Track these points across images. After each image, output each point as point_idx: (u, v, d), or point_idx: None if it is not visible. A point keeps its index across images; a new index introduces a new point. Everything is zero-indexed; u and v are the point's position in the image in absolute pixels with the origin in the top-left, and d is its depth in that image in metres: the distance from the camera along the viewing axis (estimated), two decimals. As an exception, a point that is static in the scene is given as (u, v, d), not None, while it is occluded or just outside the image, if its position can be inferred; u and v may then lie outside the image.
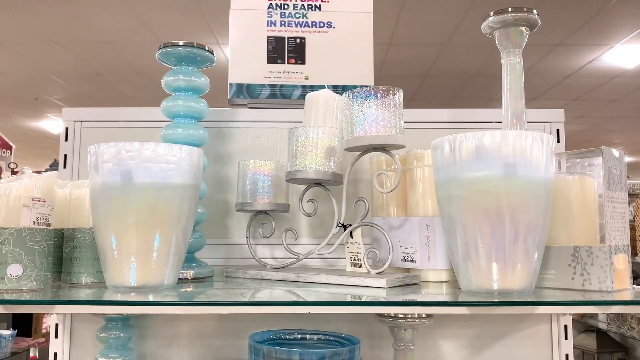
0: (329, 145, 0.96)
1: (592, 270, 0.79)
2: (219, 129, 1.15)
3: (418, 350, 1.11)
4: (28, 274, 0.77)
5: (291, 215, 1.13)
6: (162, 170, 0.79)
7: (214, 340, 1.10)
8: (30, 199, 0.78)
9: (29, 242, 0.77)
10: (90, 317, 1.09)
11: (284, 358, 0.78)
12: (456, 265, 0.80)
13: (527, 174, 0.75)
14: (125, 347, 1.04)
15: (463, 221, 0.77)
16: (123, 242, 0.78)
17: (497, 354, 1.11)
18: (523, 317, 1.11)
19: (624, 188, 0.85)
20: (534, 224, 0.75)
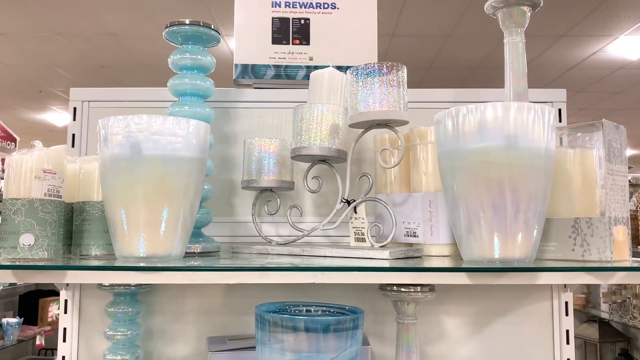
0: (333, 123, 0.97)
1: (591, 241, 0.81)
2: (224, 109, 1.16)
3: (421, 326, 1.12)
4: (40, 244, 0.78)
5: (296, 194, 1.15)
6: (170, 143, 0.81)
7: (220, 316, 1.12)
8: (42, 171, 0.79)
9: (41, 212, 0.79)
10: (98, 294, 1.11)
11: (289, 326, 0.80)
12: (458, 237, 0.82)
13: (528, 145, 0.76)
14: (133, 321, 1.06)
15: (465, 192, 0.78)
16: (132, 214, 0.80)
17: (499, 331, 1.12)
18: (524, 294, 1.13)
19: (624, 161, 0.86)
20: (535, 194, 0.77)
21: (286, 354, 0.80)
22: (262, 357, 0.82)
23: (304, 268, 0.78)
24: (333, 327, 0.80)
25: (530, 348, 1.12)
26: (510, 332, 1.12)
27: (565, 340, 1.12)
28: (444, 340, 1.12)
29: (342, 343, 0.81)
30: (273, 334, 0.81)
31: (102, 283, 1.03)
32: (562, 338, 1.12)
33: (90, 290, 1.12)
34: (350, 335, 0.82)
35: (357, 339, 0.83)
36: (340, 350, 0.80)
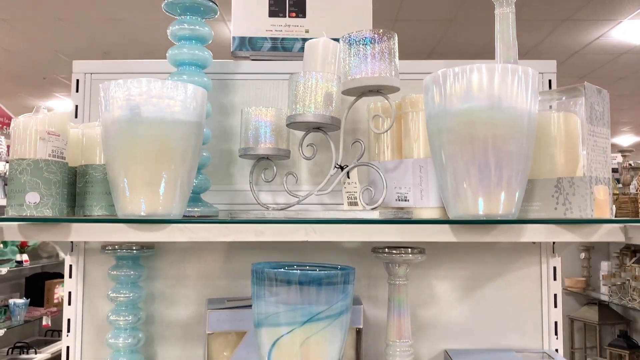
0: (327, 91, 1.01)
1: (573, 200, 0.84)
2: (222, 81, 1.19)
3: (413, 290, 1.16)
4: (45, 202, 0.82)
5: (292, 163, 1.19)
6: (168, 107, 0.84)
7: (220, 280, 1.16)
8: (46, 133, 0.83)
9: (45, 172, 0.83)
10: (102, 259, 1.15)
11: (283, 280, 0.84)
12: (445, 198, 0.85)
13: (511, 105, 0.79)
14: (135, 284, 1.10)
15: (451, 152, 0.81)
16: (132, 175, 0.84)
17: (489, 294, 1.16)
18: (514, 259, 1.16)
19: (606, 125, 0.89)
20: (517, 153, 0.80)
21: (280, 306, 0.84)
22: (258, 310, 0.86)
23: (296, 220, 0.82)
24: (324, 281, 0.84)
25: (519, 311, 1.16)
26: (500, 296, 1.16)
27: (553, 304, 1.15)
28: (435, 303, 1.16)
29: (333, 296, 0.84)
30: (268, 287, 0.85)
31: (105, 246, 1.08)
32: (550, 301, 1.15)
33: (94, 256, 1.16)
34: (341, 289, 0.86)
35: (348, 294, 0.87)
36: (331, 303, 0.84)
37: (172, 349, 1.16)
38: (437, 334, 1.16)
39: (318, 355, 0.84)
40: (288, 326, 0.84)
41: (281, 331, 0.84)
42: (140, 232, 0.87)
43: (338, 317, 0.85)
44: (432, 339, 1.16)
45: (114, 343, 1.08)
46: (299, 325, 0.83)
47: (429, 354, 1.16)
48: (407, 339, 1.03)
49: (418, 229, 0.87)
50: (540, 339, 1.15)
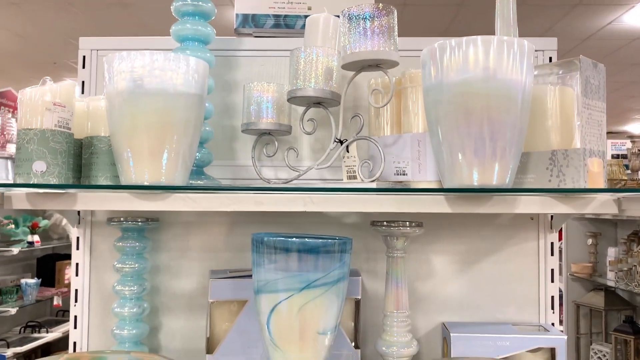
0: (328, 65, 1.02)
1: (567, 172, 0.86)
2: (225, 58, 1.21)
3: (411, 264, 1.18)
4: (51, 171, 0.85)
5: (293, 139, 1.20)
6: (171, 79, 0.86)
7: (223, 253, 1.19)
8: (52, 103, 0.86)
9: (52, 142, 0.85)
10: (108, 231, 1.18)
11: (281, 247, 0.86)
12: (441, 170, 0.87)
13: (506, 77, 0.80)
14: (140, 256, 1.13)
15: (446, 124, 0.83)
16: (135, 145, 0.86)
17: (486, 269, 1.18)
18: (511, 234, 1.18)
19: (602, 98, 0.90)
20: (511, 124, 0.81)
21: (278, 273, 0.86)
22: (257, 277, 0.89)
23: (293, 188, 0.84)
24: (321, 249, 0.86)
25: (516, 285, 1.17)
26: (498, 270, 1.18)
27: (550, 279, 1.17)
28: (434, 277, 1.18)
29: (330, 264, 0.87)
30: (267, 255, 0.87)
31: (111, 218, 1.11)
32: (547, 276, 1.17)
33: (101, 228, 1.19)
34: (338, 258, 0.88)
35: (345, 263, 0.89)
36: (328, 270, 0.87)
37: (176, 319, 1.19)
38: (435, 307, 1.18)
39: (315, 320, 0.87)
40: (286, 292, 0.86)
41: (279, 297, 0.86)
42: (144, 201, 0.89)
43: (335, 285, 0.88)
44: (430, 312, 1.18)
45: (120, 312, 1.11)
46: (297, 292, 0.86)
47: (427, 326, 1.18)
48: (405, 310, 1.06)
49: (413, 199, 0.89)
50: (537, 313, 1.17)
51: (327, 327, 0.89)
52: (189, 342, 1.17)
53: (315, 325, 0.87)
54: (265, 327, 0.89)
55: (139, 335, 1.12)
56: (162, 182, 0.88)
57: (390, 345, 1.04)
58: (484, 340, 1.05)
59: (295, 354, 0.88)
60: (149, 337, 1.17)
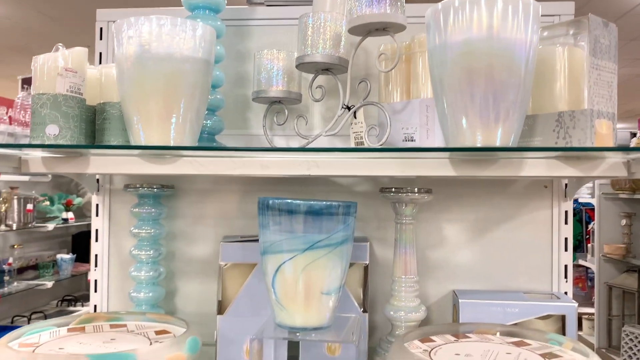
0: (336, 31, 1.02)
1: (573, 133, 0.84)
2: (238, 27, 1.22)
3: (422, 232, 1.18)
4: (63, 134, 0.88)
5: (304, 108, 1.21)
6: (178, 44, 0.88)
7: (236, 220, 1.22)
8: (64, 69, 0.88)
9: (64, 106, 0.88)
10: (126, 198, 1.22)
11: (286, 209, 0.88)
12: (445, 132, 0.87)
13: (509, 36, 0.79)
14: (156, 222, 1.17)
15: (450, 85, 0.82)
16: (144, 110, 0.88)
17: (498, 238, 1.17)
18: (524, 202, 1.17)
19: (613, 59, 0.88)
20: (515, 84, 0.80)
21: (283, 234, 0.88)
22: (263, 239, 0.91)
23: (296, 149, 0.85)
24: (325, 211, 0.87)
25: (529, 254, 1.16)
26: (510, 239, 1.17)
27: (563, 248, 1.15)
28: (445, 245, 1.18)
29: (333, 226, 0.88)
30: (272, 217, 0.89)
31: (128, 185, 1.14)
32: (561, 245, 1.15)
33: (119, 196, 1.23)
34: (342, 220, 0.89)
35: (349, 225, 0.90)
36: (331, 232, 0.88)
37: (191, 283, 1.22)
38: (445, 275, 1.18)
39: (319, 280, 0.89)
40: (290, 253, 0.88)
41: (284, 257, 0.88)
42: (153, 164, 0.92)
43: (338, 247, 0.89)
44: (441, 280, 1.18)
45: (137, 276, 1.15)
46: (300, 252, 0.87)
47: (437, 294, 1.18)
48: (413, 276, 1.06)
49: (418, 163, 0.89)
50: (550, 282, 1.16)
51: (331, 288, 0.90)
52: (204, 305, 1.20)
53: (319, 286, 0.89)
54: (270, 288, 0.91)
55: (155, 298, 1.16)
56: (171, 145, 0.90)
57: (398, 310, 1.05)
58: (492, 307, 1.05)
59: (300, 314, 0.90)
60: (166, 300, 1.21)
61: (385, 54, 1.01)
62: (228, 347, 1.03)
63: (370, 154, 0.91)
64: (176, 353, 0.88)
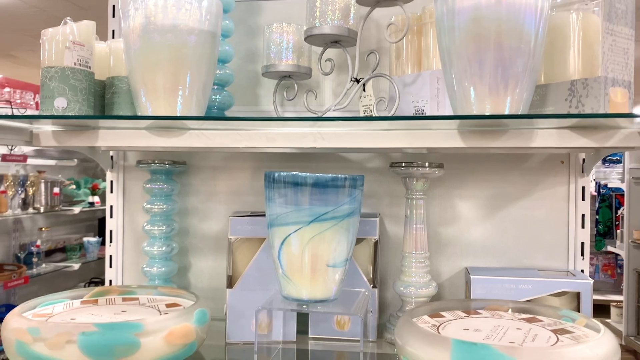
0: (345, 3, 1.01)
1: (586, 102, 0.81)
2: (249, 3, 1.22)
3: (435, 209, 1.17)
4: (72, 107, 0.89)
5: (315, 84, 1.20)
6: (183, 15, 0.87)
7: (248, 197, 1.22)
8: (72, 42, 0.89)
9: (72, 79, 0.89)
10: (139, 175, 1.23)
11: (291, 182, 0.87)
12: (452, 102, 0.85)
13: (519, 1, 0.77)
14: (168, 198, 1.18)
15: (458, 51, 0.80)
16: (150, 83, 0.88)
17: (513, 215, 1.15)
18: (540, 178, 1.14)
19: (629, 24, 0.84)
20: (525, 51, 0.78)
21: (288, 207, 0.88)
22: (270, 212, 0.91)
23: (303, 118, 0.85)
24: (330, 183, 0.87)
25: (545, 231, 1.14)
26: (525, 216, 1.14)
27: (580, 225, 1.13)
28: (458, 222, 1.17)
29: (338, 199, 0.87)
30: (277, 190, 0.88)
31: (140, 161, 1.15)
32: (578, 222, 1.13)
33: (132, 172, 1.24)
34: (347, 193, 0.88)
35: (355, 199, 0.89)
36: (336, 205, 0.87)
37: (204, 259, 1.23)
38: (458, 252, 1.17)
39: (324, 253, 0.88)
40: (295, 225, 0.87)
41: (289, 230, 0.88)
42: (160, 137, 0.92)
43: (344, 219, 0.88)
44: (453, 257, 1.17)
45: (150, 251, 1.16)
46: (306, 225, 0.87)
47: (450, 271, 1.17)
48: (423, 251, 1.05)
49: (426, 134, 0.88)
50: (566, 260, 1.13)
51: (337, 261, 0.90)
52: (216, 281, 1.21)
53: (324, 258, 0.89)
54: (277, 260, 0.91)
55: (168, 273, 1.17)
56: (177, 122, 0.90)
57: (407, 286, 1.04)
58: (504, 283, 1.03)
59: (306, 286, 0.90)
60: (179, 276, 1.22)
61: (395, 24, 0.99)
62: (237, 320, 1.03)
63: (378, 126, 0.89)
64: (184, 324, 0.88)
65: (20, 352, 0.82)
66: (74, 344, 0.80)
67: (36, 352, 0.81)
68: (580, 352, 0.75)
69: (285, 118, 0.88)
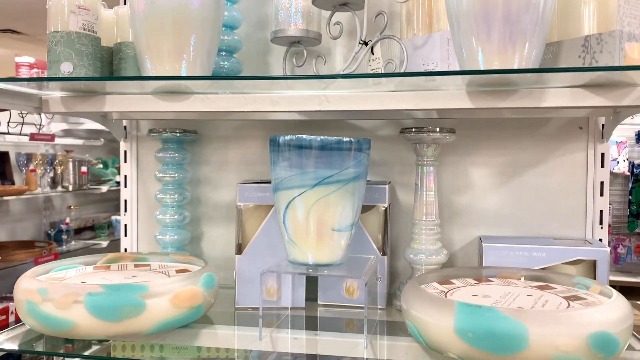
0: (352, -36, 0.98)
1: (600, 58, 0.78)
2: (259, -31, 1.20)
3: (447, 176, 1.15)
4: (78, 72, 0.90)
5: (326, 51, 1.18)
6: (185, -22, 0.86)
7: (258, 166, 1.21)
8: (76, 7, 0.89)
9: (77, 44, 0.90)
10: (152, 145, 1.23)
11: (295, 145, 0.86)
12: (461, 60, 0.82)
13: (528, -49, 0.73)
14: (180, 166, 1.18)
15: (465, 7, 0.77)
16: (154, 46, 0.88)
17: (528, 182, 1.12)
18: (557, 145, 1.10)
19: (649, -24, 0.80)
20: (535, 4, 0.74)
21: (293, 170, 0.87)
22: (275, 176, 0.90)
23: (309, 76, 0.84)
24: (334, 146, 0.85)
25: (561, 199, 1.11)
26: (541, 183, 1.11)
27: (599, 192, 1.09)
28: (471, 190, 1.14)
29: (343, 162, 0.86)
30: (282, 153, 0.88)
31: (152, 129, 1.15)
32: (597, 189, 1.09)
33: (145, 142, 1.25)
34: (352, 156, 0.87)
35: (361, 162, 0.88)
36: (341, 168, 0.86)
37: (216, 228, 1.24)
38: (471, 221, 1.14)
39: (329, 217, 0.87)
40: (300, 188, 0.86)
41: (294, 193, 0.87)
42: (166, 102, 0.92)
43: (349, 183, 0.87)
44: (467, 226, 1.14)
45: (162, 219, 1.17)
46: (310, 188, 0.86)
47: (463, 240, 1.15)
48: (434, 218, 1.03)
49: (434, 95, 0.86)
50: (584, 229, 1.10)
51: (343, 225, 0.89)
52: (228, 249, 1.22)
53: (329, 222, 0.88)
54: (282, 225, 0.90)
55: (181, 241, 1.18)
56: (182, 85, 0.90)
57: (417, 253, 1.03)
58: (517, 251, 1.01)
59: (312, 251, 0.89)
60: (192, 245, 1.23)
61: (402, -15, 0.97)
62: (246, 286, 1.04)
63: (385, 87, 0.87)
64: (190, 287, 0.89)
65: (30, 312, 0.84)
66: (81, 304, 0.81)
67: (44, 312, 0.82)
68: (589, 316, 0.72)
69: (288, 76, 0.87)
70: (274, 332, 0.94)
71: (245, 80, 0.89)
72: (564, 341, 0.70)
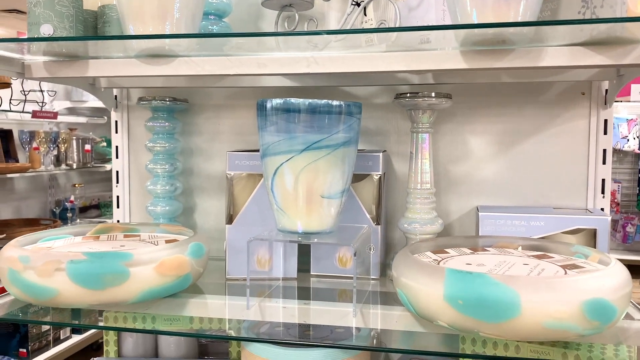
0: None
1: (601, 13, 0.74)
2: None
3: (445, 145, 1.11)
4: (58, 34, 0.87)
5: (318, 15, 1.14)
6: None
7: (251, 136, 1.19)
8: (56, -34, 0.86)
9: (57, 5, 0.87)
10: (143, 114, 1.21)
11: (282, 109, 0.83)
12: (454, 17, 0.78)
13: None
14: (171, 136, 1.16)
15: (456, -38, 0.74)
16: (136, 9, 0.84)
17: (529, 150, 1.08)
18: (558, 112, 1.06)
19: None
20: (531, -44, 0.70)
21: (280, 135, 0.84)
22: (262, 142, 0.87)
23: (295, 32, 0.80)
24: (322, 109, 0.82)
25: (562, 167, 1.07)
26: (541, 151, 1.08)
27: (602, 160, 1.05)
28: (469, 159, 1.11)
29: (332, 126, 0.83)
30: (269, 118, 0.85)
31: (141, 98, 1.13)
32: (599, 157, 1.05)
33: (136, 112, 1.23)
34: (342, 120, 0.83)
35: (351, 127, 0.85)
36: (330, 132, 0.83)
37: (209, 199, 1.22)
38: (469, 191, 1.11)
39: (318, 183, 0.85)
40: (287, 154, 0.84)
41: (281, 159, 0.84)
42: (150, 65, 0.89)
43: (338, 148, 0.84)
44: (465, 195, 1.11)
45: (153, 190, 1.15)
46: (298, 153, 0.83)
47: (460, 210, 1.12)
48: (428, 187, 1.00)
49: (426, 55, 0.82)
50: (585, 198, 1.07)
51: (332, 192, 0.86)
52: (221, 220, 1.19)
53: (318, 189, 0.85)
54: (270, 192, 0.88)
55: (172, 212, 1.16)
56: (166, 49, 0.87)
57: (412, 222, 1.00)
58: (515, 220, 0.98)
59: (301, 218, 0.87)
60: (185, 216, 1.21)
61: (395, -58, 0.92)
62: (237, 256, 1.02)
63: (375, 48, 0.84)
64: (176, 255, 0.87)
65: (12, 280, 0.83)
66: (63, 271, 0.80)
67: (26, 279, 0.81)
68: (584, 283, 0.70)
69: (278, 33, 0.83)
70: (263, 301, 0.92)
71: (231, 38, 0.86)
72: (557, 308, 0.67)
